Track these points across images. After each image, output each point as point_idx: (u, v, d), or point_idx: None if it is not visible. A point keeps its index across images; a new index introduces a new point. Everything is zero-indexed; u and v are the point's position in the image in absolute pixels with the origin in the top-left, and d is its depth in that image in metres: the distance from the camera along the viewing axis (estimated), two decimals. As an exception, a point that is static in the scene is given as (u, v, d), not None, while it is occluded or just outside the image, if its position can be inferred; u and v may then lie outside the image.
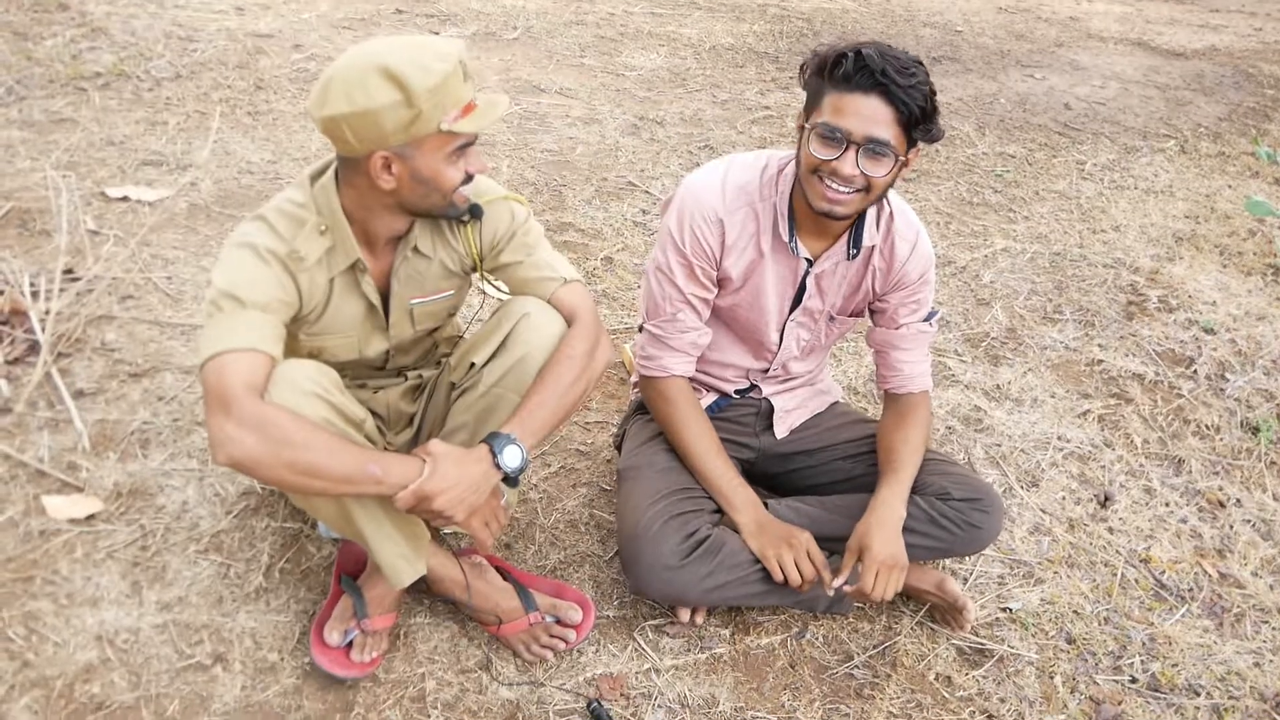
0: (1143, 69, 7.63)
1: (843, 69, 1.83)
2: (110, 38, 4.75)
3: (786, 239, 2.07)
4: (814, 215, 1.98)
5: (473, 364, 1.95)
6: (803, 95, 1.95)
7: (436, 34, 5.70)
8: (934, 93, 1.87)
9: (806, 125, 1.92)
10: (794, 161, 2.05)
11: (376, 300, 1.91)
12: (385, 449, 1.98)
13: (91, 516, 2.19)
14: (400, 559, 1.90)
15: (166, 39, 4.85)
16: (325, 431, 1.65)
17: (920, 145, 1.92)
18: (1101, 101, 6.64)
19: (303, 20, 5.52)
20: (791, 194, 2.06)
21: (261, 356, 1.65)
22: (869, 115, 1.83)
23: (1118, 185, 5.18)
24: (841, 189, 1.89)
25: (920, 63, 1.86)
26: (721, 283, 2.15)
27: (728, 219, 2.07)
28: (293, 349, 1.90)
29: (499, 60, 5.52)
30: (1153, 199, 5.04)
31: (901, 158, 1.89)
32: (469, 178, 1.76)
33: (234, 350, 1.62)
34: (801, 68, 1.96)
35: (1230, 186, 5.34)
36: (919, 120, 1.85)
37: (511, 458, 1.79)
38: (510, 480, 1.82)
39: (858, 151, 1.85)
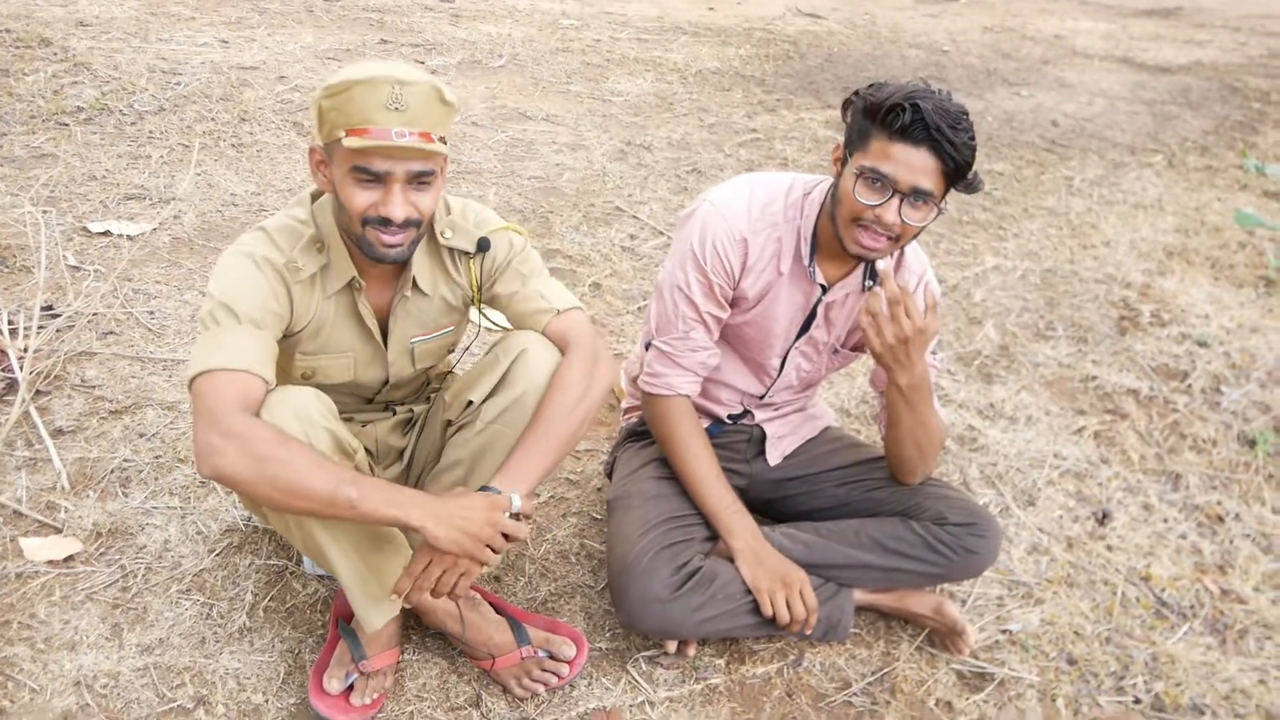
0: (1129, 85, 7.66)
1: (899, 121, 1.80)
2: (93, 73, 4.73)
3: (806, 263, 2.05)
4: (837, 243, 1.97)
5: (470, 401, 1.91)
6: (790, 117, 1.93)
7: (422, 63, 5.70)
8: (976, 144, 1.86)
9: (849, 162, 1.90)
10: (820, 187, 2.05)
11: (373, 324, 1.89)
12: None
13: (70, 558, 2.14)
14: (369, 599, 1.85)
15: (150, 73, 4.84)
16: (306, 450, 1.61)
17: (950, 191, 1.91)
18: (1088, 118, 6.66)
19: (287, 52, 5.51)
20: (816, 219, 2.04)
21: (256, 380, 1.64)
22: (918, 166, 1.82)
23: (1107, 201, 5.18)
24: (880, 235, 1.88)
25: (967, 113, 1.84)
26: (736, 301, 2.12)
27: (752, 239, 2.04)
28: (285, 368, 1.87)
29: (485, 88, 5.51)
30: (1142, 213, 5.04)
31: (940, 207, 1.88)
32: (383, 220, 1.68)
33: (227, 369, 1.61)
34: (847, 103, 1.94)
35: (1219, 199, 5.34)
36: (963, 173, 1.85)
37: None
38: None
39: (902, 200, 1.84)
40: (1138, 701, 2.18)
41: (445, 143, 1.69)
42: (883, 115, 1.83)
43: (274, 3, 6.50)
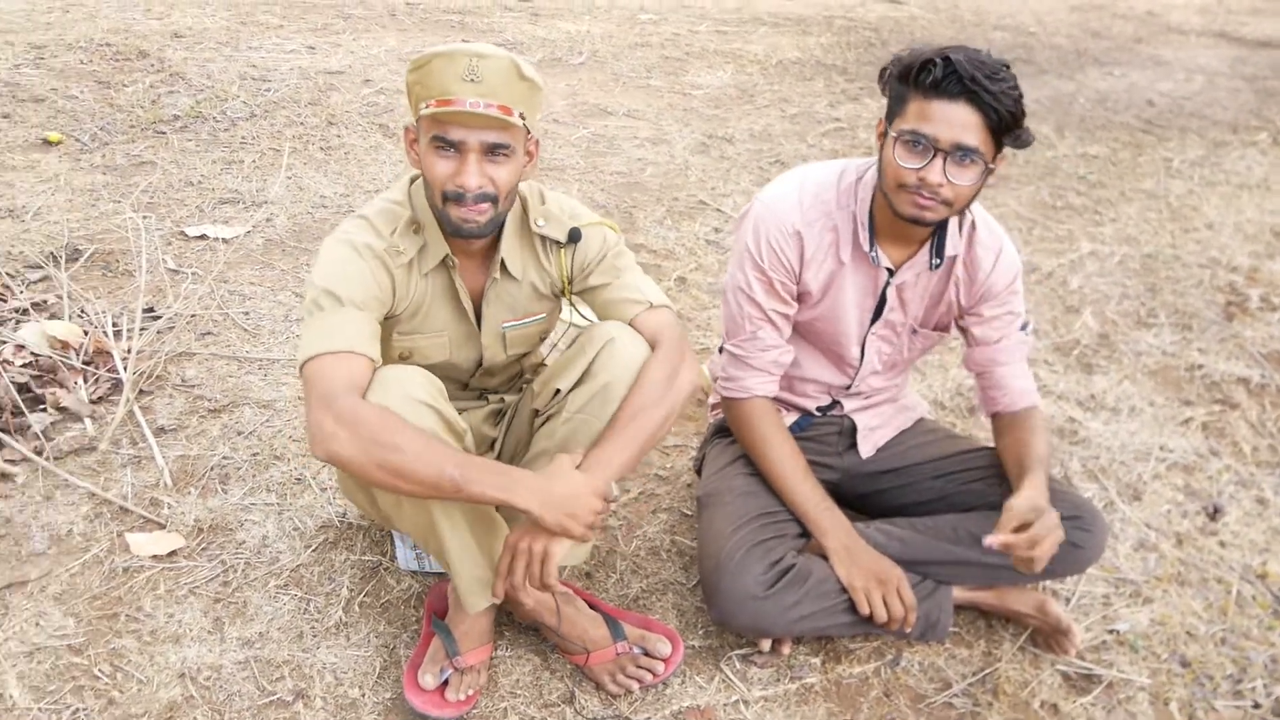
0: (1228, 61, 7.39)
1: (930, 76, 1.76)
2: (188, 82, 4.86)
3: (866, 248, 2.00)
4: (895, 222, 1.92)
5: (557, 390, 1.92)
6: (874, 105, 1.90)
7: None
8: (1021, 96, 1.79)
9: (890, 132, 1.85)
10: (873, 169, 2.00)
11: (468, 303, 1.92)
12: None
13: (174, 553, 2.19)
14: (477, 582, 1.87)
15: (241, 80, 4.95)
16: (414, 432, 1.63)
17: (1006, 151, 1.85)
18: (1186, 96, 6.44)
19: (372, 55, 5.59)
20: (872, 202, 1.99)
21: (361, 359, 1.68)
22: (957, 122, 1.76)
23: (1208, 182, 5.00)
24: (928, 197, 1.82)
25: (1008, 66, 1.78)
26: (801, 296, 2.08)
27: (805, 231, 2.01)
28: (384, 349, 1.90)
29: (565, 85, 5.52)
30: (1247, 194, 4.84)
31: (989, 165, 1.82)
32: (459, 195, 1.71)
33: (336, 352, 1.66)
34: (882, 73, 1.90)
35: (1329, 178, 5.12)
36: (1008, 126, 1.79)
37: None
38: None
39: (945, 159, 1.78)
40: (1257, 706, 2.09)
41: (525, 119, 1.71)
42: (915, 74, 1.78)
43: (358, 8, 6.60)
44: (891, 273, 2.04)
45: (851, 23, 7.69)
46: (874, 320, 2.12)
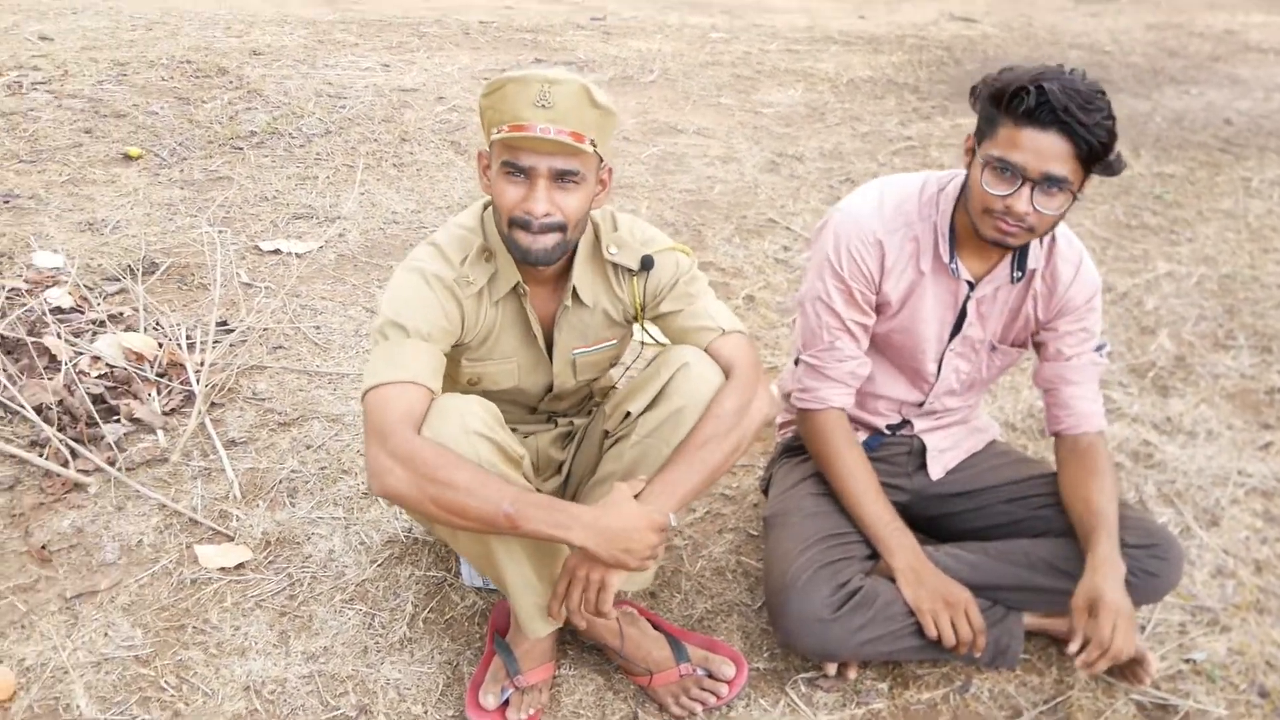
0: (1313, 80, 7.18)
1: (1024, 104, 1.72)
2: (265, 99, 4.95)
3: (946, 259, 1.97)
4: (977, 235, 1.89)
5: (628, 413, 1.90)
6: (946, 124, 1.87)
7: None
8: (1115, 124, 1.75)
9: (978, 153, 1.82)
10: (955, 181, 1.98)
11: (538, 329, 1.91)
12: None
13: (241, 565, 2.21)
14: (536, 608, 1.86)
15: (317, 97, 5.03)
16: (470, 469, 1.63)
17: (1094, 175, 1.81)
18: (1265, 115, 6.28)
19: (445, 73, 5.66)
20: (953, 213, 1.96)
21: (421, 390, 1.68)
22: (1047, 151, 1.73)
23: (1292, 203, 4.86)
24: (1012, 224, 1.79)
25: (1102, 93, 1.74)
26: (880, 307, 2.06)
27: (887, 240, 1.98)
28: (453, 375, 1.91)
29: (636, 103, 5.53)
30: (1333, 215, 4.69)
31: (1077, 194, 1.78)
32: (525, 221, 1.69)
33: (396, 382, 1.66)
34: (973, 90, 1.87)
35: None
36: (1099, 155, 1.75)
37: None
38: None
39: (1033, 188, 1.75)
40: (1346, 746, 2.00)
41: (596, 146, 1.69)
42: (1008, 100, 1.75)
43: (432, 27, 6.69)
44: (972, 286, 2.01)
45: (924, 41, 7.62)
46: (952, 336, 2.09)
